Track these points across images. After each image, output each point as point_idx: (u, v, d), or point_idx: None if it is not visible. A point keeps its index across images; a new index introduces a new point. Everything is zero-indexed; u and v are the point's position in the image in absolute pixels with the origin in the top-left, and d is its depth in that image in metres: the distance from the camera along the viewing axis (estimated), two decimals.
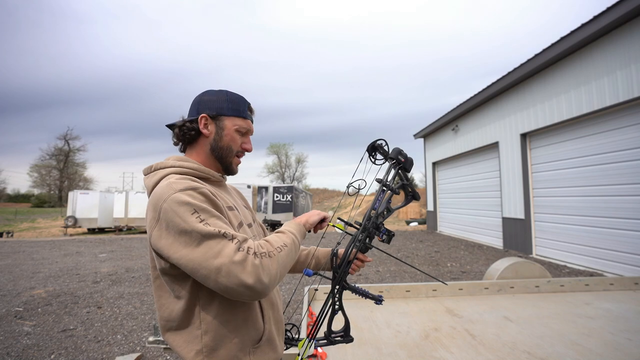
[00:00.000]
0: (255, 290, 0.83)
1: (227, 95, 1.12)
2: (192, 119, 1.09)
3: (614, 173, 6.16)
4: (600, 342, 1.91)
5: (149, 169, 1.07)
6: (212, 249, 0.83)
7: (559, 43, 6.92)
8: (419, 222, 21.32)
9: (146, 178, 1.06)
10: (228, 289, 0.82)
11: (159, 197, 0.90)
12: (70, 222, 18.43)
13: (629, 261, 5.86)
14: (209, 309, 0.95)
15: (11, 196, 60.82)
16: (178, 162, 1.05)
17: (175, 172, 1.01)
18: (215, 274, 0.82)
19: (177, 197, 0.89)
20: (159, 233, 0.88)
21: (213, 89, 1.14)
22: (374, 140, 1.14)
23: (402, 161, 1.15)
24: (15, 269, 7.61)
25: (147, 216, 0.93)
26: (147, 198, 1.01)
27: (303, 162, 58.51)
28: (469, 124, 11.57)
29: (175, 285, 0.95)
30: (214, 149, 1.11)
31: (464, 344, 1.92)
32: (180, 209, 0.87)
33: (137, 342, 3.67)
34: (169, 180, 0.96)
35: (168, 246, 0.86)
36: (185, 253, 0.84)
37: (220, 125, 1.10)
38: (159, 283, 0.99)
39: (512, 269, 3.02)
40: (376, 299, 1.16)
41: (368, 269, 7.05)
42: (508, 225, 9.27)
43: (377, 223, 1.12)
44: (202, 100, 1.11)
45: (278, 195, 19.09)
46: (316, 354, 1.71)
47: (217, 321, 0.95)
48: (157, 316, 1.03)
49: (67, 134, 53.99)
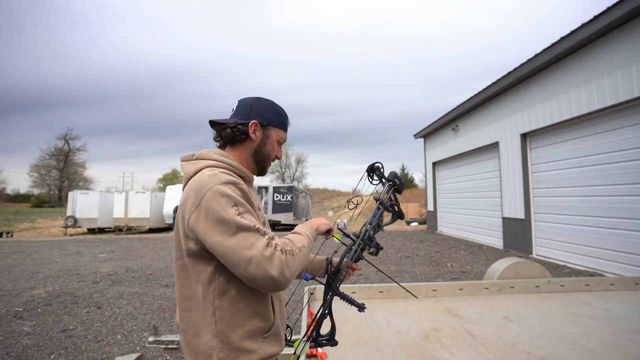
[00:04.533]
0: (278, 282, 0.92)
1: (276, 109, 1.23)
2: (244, 123, 1.16)
3: (614, 173, 6.15)
4: (600, 342, 1.91)
5: (191, 156, 1.14)
6: (246, 240, 0.93)
7: (559, 43, 6.91)
8: (419, 222, 21.32)
9: (186, 164, 1.13)
10: (255, 278, 0.92)
11: (203, 185, 0.98)
12: (70, 222, 18.43)
13: (629, 261, 5.86)
14: (224, 297, 1.01)
15: (11, 196, 60.83)
16: (220, 157, 1.12)
17: (216, 166, 1.08)
18: (246, 263, 0.91)
19: (221, 188, 0.98)
20: (197, 217, 0.96)
21: (264, 98, 1.24)
22: (373, 162, 1.31)
23: (398, 184, 1.31)
24: (15, 269, 7.61)
25: (186, 200, 1.00)
26: (180, 185, 1.06)
27: (303, 162, 58.59)
28: (469, 124, 11.57)
29: (198, 268, 1.02)
30: (257, 153, 1.20)
31: (464, 344, 1.92)
32: (222, 200, 0.96)
33: (137, 342, 3.67)
34: (214, 171, 1.03)
35: (205, 230, 0.95)
36: (221, 239, 0.93)
37: (267, 134, 1.21)
38: (182, 264, 1.07)
39: (512, 269, 3.01)
40: (359, 307, 1.25)
41: (368, 269, 7.05)
42: (508, 225, 9.27)
43: (370, 236, 1.24)
44: (254, 107, 1.19)
45: (278, 195, 19.09)
46: (316, 354, 1.71)
47: (232, 309, 1.01)
48: (176, 294, 1.11)
49: (67, 134, 54.10)
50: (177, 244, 1.08)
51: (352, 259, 1.23)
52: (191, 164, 1.11)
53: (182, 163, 1.16)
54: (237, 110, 1.20)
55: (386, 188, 1.30)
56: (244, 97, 1.24)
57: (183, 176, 1.16)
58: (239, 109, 1.20)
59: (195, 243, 1.00)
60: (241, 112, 1.19)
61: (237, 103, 1.23)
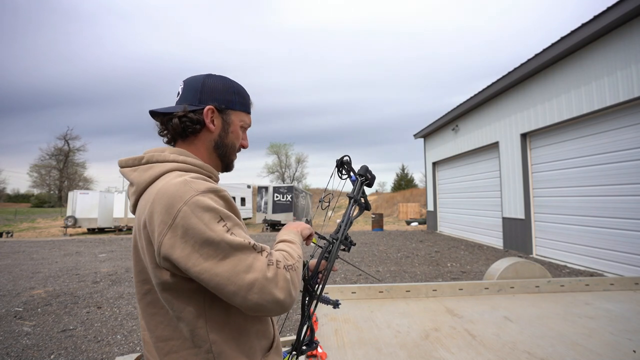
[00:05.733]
0: (284, 305, 0.77)
1: (234, 87, 1.00)
2: (196, 109, 0.94)
3: (614, 173, 6.15)
4: (600, 342, 1.91)
5: (137, 160, 0.90)
6: (242, 262, 0.74)
7: (559, 43, 6.91)
8: (419, 222, 21.34)
9: (132, 171, 0.89)
10: (258, 306, 0.75)
11: (174, 197, 0.76)
12: (70, 222, 18.44)
13: (629, 261, 5.86)
14: (219, 330, 0.83)
15: (11, 196, 60.86)
16: (181, 157, 0.90)
17: (178, 169, 0.87)
18: (246, 290, 0.73)
19: (200, 200, 0.76)
20: (172, 240, 0.74)
21: (216, 74, 1.00)
22: (342, 156, 1.26)
23: (369, 178, 1.28)
24: (15, 269, 7.60)
25: (150, 218, 0.78)
26: (126, 194, 0.90)
27: (303, 162, 58.63)
28: (469, 124, 11.57)
29: (178, 304, 0.81)
30: (219, 145, 0.98)
31: (464, 344, 1.92)
32: (205, 216, 0.75)
33: (137, 342, 3.67)
34: (183, 177, 0.81)
35: (185, 256, 0.73)
36: (208, 267, 0.73)
37: (227, 120, 0.98)
38: (151, 299, 0.85)
39: (512, 269, 3.01)
40: (334, 304, 1.20)
41: (368, 269, 7.05)
42: (508, 225, 9.27)
43: (346, 235, 1.19)
44: (206, 89, 0.95)
45: (278, 195, 19.10)
46: (316, 354, 1.71)
47: (231, 341, 0.84)
48: (146, 338, 0.87)
49: (67, 134, 54.02)
50: (141, 275, 0.86)
51: (332, 260, 1.12)
52: (141, 171, 0.87)
53: (126, 170, 0.90)
54: (184, 93, 0.96)
55: (358, 184, 1.25)
56: (190, 77, 0.99)
57: (129, 186, 0.92)
58: (186, 92, 0.96)
59: (172, 274, 0.78)
60: (190, 96, 0.95)
61: (182, 85, 0.98)
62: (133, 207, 0.90)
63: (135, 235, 0.87)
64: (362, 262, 7.79)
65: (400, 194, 38.59)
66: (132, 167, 0.90)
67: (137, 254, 0.87)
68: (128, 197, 0.93)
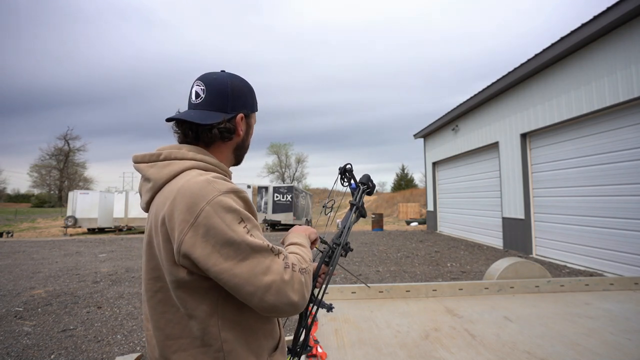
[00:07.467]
0: (298, 307, 0.79)
1: (251, 88, 1.00)
2: (231, 118, 0.93)
3: (614, 173, 6.16)
4: (600, 342, 1.91)
5: (154, 156, 0.89)
6: (260, 264, 0.76)
7: (559, 43, 6.92)
8: (419, 222, 21.34)
9: (149, 167, 0.88)
10: (273, 307, 0.77)
11: (199, 197, 0.77)
12: (70, 222, 18.45)
13: (629, 261, 5.86)
14: (230, 328, 0.84)
15: (11, 196, 60.90)
16: (199, 156, 0.89)
17: (198, 167, 0.86)
18: (264, 291, 0.75)
19: (223, 201, 0.77)
20: (193, 240, 0.75)
21: (235, 75, 0.98)
22: (344, 164, 1.31)
23: (371, 186, 1.33)
24: (15, 269, 7.61)
25: (171, 215, 0.78)
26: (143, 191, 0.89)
27: (303, 162, 58.67)
28: (469, 124, 11.57)
29: (191, 301, 0.82)
30: (240, 147, 1.00)
31: (464, 344, 1.92)
32: (228, 216, 0.76)
33: (137, 342, 3.67)
34: (205, 176, 0.81)
35: (206, 255, 0.74)
36: (228, 267, 0.74)
37: (250, 123, 1.00)
38: (162, 297, 0.85)
39: (512, 269, 3.02)
40: (328, 308, 1.21)
41: (368, 269, 7.05)
42: (508, 225, 9.27)
43: (346, 240, 1.21)
44: (234, 92, 0.94)
45: (278, 195, 19.11)
46: (316, 354, 1.71)
47: (241, 340, 0.85)
48: (155, 336, 0.87)
49: (67, 134, 54.12)
50: (154, 273, 0.85)
51: (333, 265, 1.13)
52: (159, 167, 0.87)
53: (142, 166, 0.89)
54: (210, 98, 0.93)
55: (360, 192, 1.30)
56: (210, 76, 0.95)
57: (143, 182, 0.91)
58: (213, 96, 0.93)
59: (189, 272, 0.79)
60: (219, 102, 0.93)
61: (201, 85, 0.94)
62: (147, 203, 0.89)
63: (151, 231, 0.85)
64: (362, 262, 7.79)
65: (400, 194, 38.63)
66: (149, 162, 0.89)
67: (151, 251, 0.86)
68: (140, 193, 0.92)
